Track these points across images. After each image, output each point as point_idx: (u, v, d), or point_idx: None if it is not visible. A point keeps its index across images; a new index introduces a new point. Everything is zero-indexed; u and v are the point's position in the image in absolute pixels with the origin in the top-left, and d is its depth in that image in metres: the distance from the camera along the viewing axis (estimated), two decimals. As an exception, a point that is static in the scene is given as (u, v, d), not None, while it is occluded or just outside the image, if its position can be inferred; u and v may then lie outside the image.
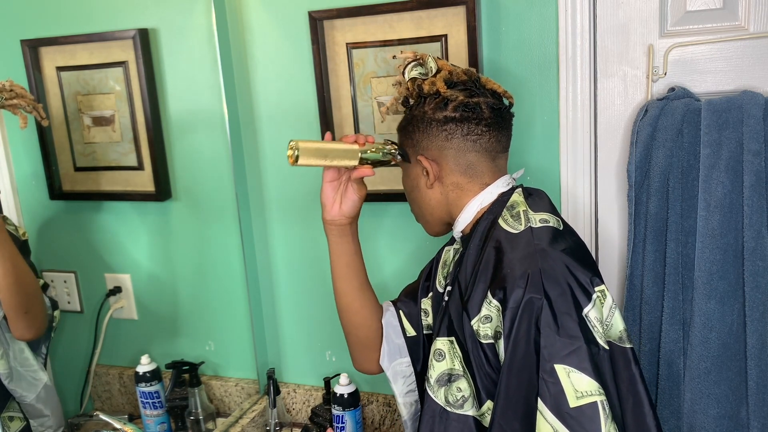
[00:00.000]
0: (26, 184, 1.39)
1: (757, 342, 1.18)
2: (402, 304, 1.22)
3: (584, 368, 0.86)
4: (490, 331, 0.92)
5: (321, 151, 1.07)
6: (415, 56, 1.07)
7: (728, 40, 1.23)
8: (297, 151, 1.03)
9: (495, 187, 1.04)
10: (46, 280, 1.31)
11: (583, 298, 0.89)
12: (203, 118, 1.54)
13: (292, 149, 1.03)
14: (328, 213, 1.13)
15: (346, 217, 1.13)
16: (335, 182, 1.12)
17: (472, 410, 0.96)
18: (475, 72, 1.06)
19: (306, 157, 1.04)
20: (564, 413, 0.85)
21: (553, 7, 1.29)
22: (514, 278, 0.90)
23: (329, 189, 1.12)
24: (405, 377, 1.20)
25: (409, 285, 1.25)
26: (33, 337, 1.22)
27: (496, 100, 1.04)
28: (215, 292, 1.62)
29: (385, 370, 1.20)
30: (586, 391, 0.85)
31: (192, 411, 1.54)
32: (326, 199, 1.12)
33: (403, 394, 1.20)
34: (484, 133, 1.02)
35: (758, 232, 1.16)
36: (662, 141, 1.22)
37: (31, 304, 1.19)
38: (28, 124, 1.38)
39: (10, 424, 1.19)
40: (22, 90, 1.18)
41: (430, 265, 1.21)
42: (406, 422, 1.22)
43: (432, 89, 1.03)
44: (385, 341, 1.20)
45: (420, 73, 1.06)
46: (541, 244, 0.93)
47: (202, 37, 1.50)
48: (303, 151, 1.03)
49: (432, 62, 1.05)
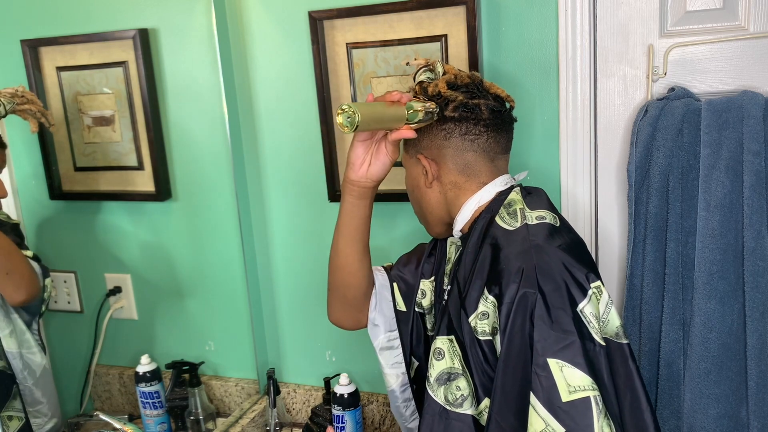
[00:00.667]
0: (26, 184, 1.40)
1: (757, 342, 1.18)
2: (398, 277, 1.22)
3: (577, 363, 0.86)
4: (488, 327, 0.93)
5: (375, 115, 0.98)
6: (426, 63, 1.08)
7: (728, 40, 1.23)
8: (358, 117, 0.93)
9: (493, 186, 1.04)
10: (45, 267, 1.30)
11: (579, 293, 0.90)
12: (203, 117, 1.54)
13: (350, 116, 0.93)
14: (355, 173, 1.09)
15: (371, 180, 1.09)
16: (368, 141, 1.08)
17: (471, 409, 0.96)
18: (479, 76, 1.07)
19: (365, 123, 0.94)
20: (556, 407, 0.85)
21: (553, 7, 1.29)
22: (509, 274, 0.91)
23: (360, 148, 1.08)
24: (392, 349, 1.21)
25: (407, 255, 1.25)
26: (25, 300, 1.20)
27: (498, 103, 1.04)
28: (215, 292, 1.62)
29: (374, 341, 1.21)
30: (578, 386, 0.85)
31: (192, 411, 1.54)
32: (356, 158, 1.08)
33: (389, 365, 1.21)
34: (482, 134, 1.03)
35: (758, 232, 1.16)
36: (662, 141, 1.22)
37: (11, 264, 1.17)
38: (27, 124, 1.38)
39: (9, 423, 1.19)
40: (33, 96, 1.20)
41: (432, 244, 1.21)
42: (394, 391, 1.22)
43: (434, 91, 1.04)
44: (377, 314, 1.20)
45: (428, 78, 1.07)
46: (537, 240, 0.94)
47: (202, 37, 1.50)
48: (363, 118, 0.93)
49: (440, 67, 1.06)
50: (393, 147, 1.09)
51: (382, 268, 1.24)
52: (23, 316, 1.22)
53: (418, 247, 1.25)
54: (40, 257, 1.25)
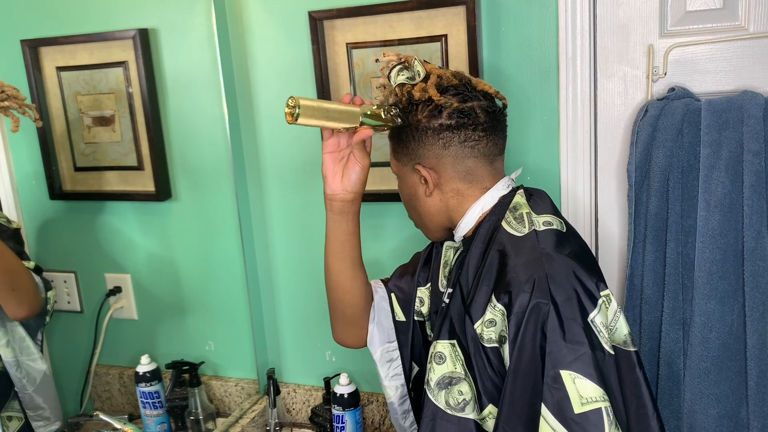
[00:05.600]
0: (26, 184, 1.40)
1: (757, 342, 1.18)
2: (395, 287, 1.20)
3: (589, 374, 0.85)
4: (494, 335, 0.92)
5: (322, 110, 0.99)
6: (399, 59, 1.04)
7: (728, 40, 1.23)
8: (298, 109, 0.95)
9: (495, 190, 1.03)
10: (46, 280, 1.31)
11: (589, 303, 0.89)
12: (203, 117, 1.54)
13: (292, 107, 0.96)
14: (329, 187, 1.08)
15: (348, 191, 1.08)
16: (335, 153, 1.06)
17: (473, 414, 0.95)
18: (464, 74, 1.03)
19: (306, 115, 0.96)
20: (569, 419, 0.84)
21: (553, 7, 1.29)
22: (519, 283, 0.89)
23: (329, 160, 1.07)
24: (391, 361, 1.19)
25: (403, 266, 1.24)
26: (27, 315, 1.19)
27: (489, 102, 1.02)
28: (215, 292, 1.62)
29: (373, 353, 1.19)
30: (591, 398, 0.85)
31: (192, 411, 1.54)
32: (327, 171, 1.07)
33: (389, 377, 1.20)
34: (482, 138, 1.01)
35: (758, 232, 1.16)
36: (662, 141, 1.22)
37: (16, 281, 1.16)
38: (28, 124, 1.38)
39: (8, 423, 1.19)
40: (13, 91, 1.14)
41: (428, 251, 1.20)
42: (393, 403, 1.21)
43: (424, 96, 1.00)
44: (375, 325, 1.18)
45: (408, 78, 1.02)
46: (546, 249, 0.93)
47: (202, 37, 1.50)
48: (304, 109, 0.96)
49: (419, 66, 1.02)
50: (361, 153, 1.07)
51: (380, 281, 1.22)
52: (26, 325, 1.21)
53: (414, 258, 1.24)
54: (41, 267, 1.25)
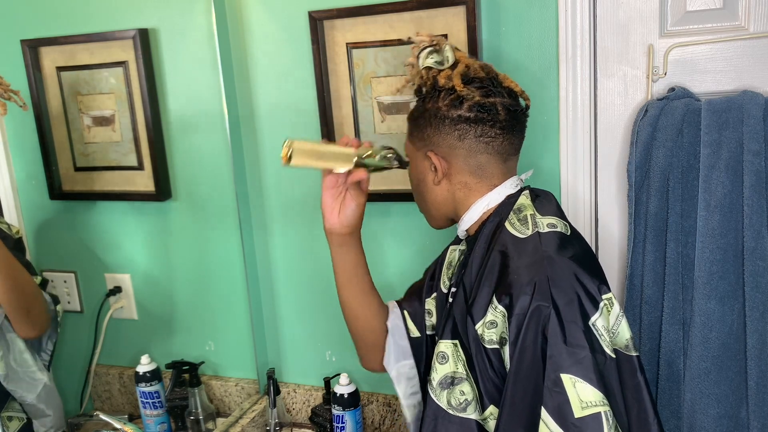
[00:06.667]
0: (26, 184, 1.40)
1: (757, 342, 1.18)
2: (407, 304, 1.21)
3: (590, 378, 0.85)
4: (495, 336, 0.92)
5: (315, 152, 1.06)
6: (431, 41, 1.03)
7: (728, 40, 1.23)
8: (291, 150, 1.02)
9: (503, 188, 1.02)
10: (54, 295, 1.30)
11: (590, 306, 0.89)
12: (203, 118, 1.54)
13: (286, 148, 1.02)
14: (327, 221, 1.10)
15: (345, 226, 1.10)
16: (334, 189, 1.09)
17: (475, 414, 0.95)
18: (492, 68, 1.02)
19: (299, 157, 1.03)
20: (569, 423, 0.84)
21: (553, 7, 1.29)
22: (520, 285, 0.89)
23: (328, 196, 1.09)
24: (409, 379, 1.19)
25: (414, 284, 1.25)
26: (37, 335, 1.22)
27: (513, 101, 1.01)
28: (215, 292, 1.62)
29: (389, 372, 1.19)
30: (591, 402, 0.85)
31: (192, 411, 1.54)
32: (325, 207, 1.10)
33: (407, 395, 1.20)
34: (498, 136, 1.00)
35: (758, 232, 1.16)
36: (662, 141, 1.22)
37: (31, 303, 1.19)
38: (27, 124, 1.38)
39: (9, 423, 1.19)
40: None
41: (435, 265, 1.20)
42: (410, 425, 1.21)
43: (448, 84, 0.99)
44: (390, 343, 1.19)
45: (436, 62, 1.02)
46: (549, 251, 0.92)
47: (202, 37, 1.50)
48: (297, 152, 1.02)
49: (449, 52, 1.01)
50: (356, 192, 1.09)
51: (395, 303, 1.22)
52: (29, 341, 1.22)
53: (424, 274, 1.24)
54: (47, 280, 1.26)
